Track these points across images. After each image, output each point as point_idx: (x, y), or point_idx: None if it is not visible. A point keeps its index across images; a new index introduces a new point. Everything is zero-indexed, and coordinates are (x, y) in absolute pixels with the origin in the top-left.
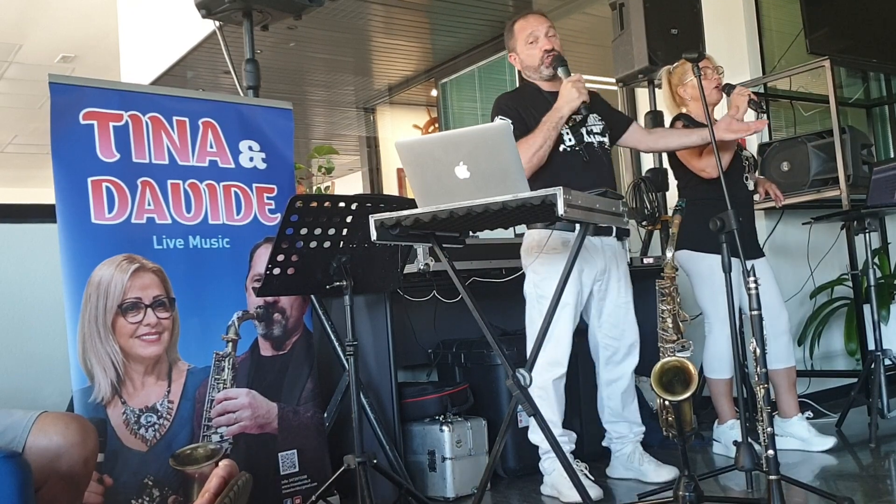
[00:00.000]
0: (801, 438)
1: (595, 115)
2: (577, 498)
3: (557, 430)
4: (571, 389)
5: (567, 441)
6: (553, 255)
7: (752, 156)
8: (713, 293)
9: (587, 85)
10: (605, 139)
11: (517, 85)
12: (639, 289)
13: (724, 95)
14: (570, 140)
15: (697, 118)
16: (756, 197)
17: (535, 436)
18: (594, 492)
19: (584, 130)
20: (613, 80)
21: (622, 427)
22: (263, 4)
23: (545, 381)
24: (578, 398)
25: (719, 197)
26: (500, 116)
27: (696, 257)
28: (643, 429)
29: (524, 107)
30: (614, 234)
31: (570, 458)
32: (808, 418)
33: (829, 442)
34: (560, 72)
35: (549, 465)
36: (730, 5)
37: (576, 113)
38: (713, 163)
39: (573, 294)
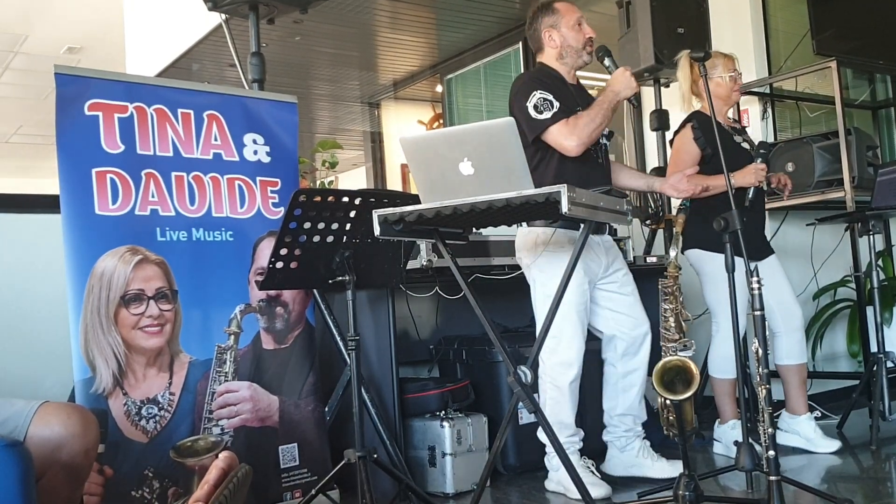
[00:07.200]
0: (806, 438)
1: None
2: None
3: (570, 430)
4: None
5: (577, 441)
6: (559, 253)
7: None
8: (723, 293)
9: (591, 84)
10: (607, 141)
11: None
12: (642, 288)
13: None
14: None
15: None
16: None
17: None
18: (602, 490)
19: None
20: None
21: (629, 420)
22: None
23: (561, 383)
24: (583, 395)
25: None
26: (539, 91)
27: (706, 256)
28: (645, 418)
29: (554, 89)
30: (607, 231)
31: (577, 456)
32: (815, 418)
33: (834, 445)
34: (608, 61)
35: (558, 461)
36: (737, 5)
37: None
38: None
39: (578, 293)
